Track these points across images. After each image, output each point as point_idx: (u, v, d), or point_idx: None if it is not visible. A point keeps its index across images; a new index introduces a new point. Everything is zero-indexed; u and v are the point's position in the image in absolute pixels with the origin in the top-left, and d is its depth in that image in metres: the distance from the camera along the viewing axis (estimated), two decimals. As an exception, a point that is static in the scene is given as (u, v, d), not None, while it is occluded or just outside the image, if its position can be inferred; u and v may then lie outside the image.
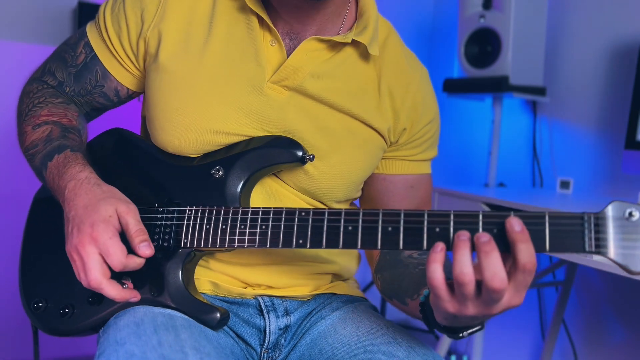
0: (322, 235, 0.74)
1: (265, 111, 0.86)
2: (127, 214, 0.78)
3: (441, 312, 0.69)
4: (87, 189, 0.80)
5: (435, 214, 0.68)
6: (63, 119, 0.93)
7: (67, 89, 0.97)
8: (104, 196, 0.79)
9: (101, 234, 0.75)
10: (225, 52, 0.86)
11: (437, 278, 0.64)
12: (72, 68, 0.96)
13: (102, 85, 0.95)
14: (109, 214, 0.77)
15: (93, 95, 0.97)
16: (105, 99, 0.97)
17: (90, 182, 0.81)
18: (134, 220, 0.78)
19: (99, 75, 0.95)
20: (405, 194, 0.98)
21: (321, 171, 0.88)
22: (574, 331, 1.90)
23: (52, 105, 0.95)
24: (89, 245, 0.75)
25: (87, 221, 0.76)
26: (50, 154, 0.87)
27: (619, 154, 1.73)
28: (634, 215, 0.62)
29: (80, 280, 0.77)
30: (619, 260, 0.62)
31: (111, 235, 0.76)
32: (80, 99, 0.98)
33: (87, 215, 0.77)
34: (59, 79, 0.97)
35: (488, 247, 0.62)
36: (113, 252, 0.75)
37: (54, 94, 0.97)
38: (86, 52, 0.94)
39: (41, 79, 0.99)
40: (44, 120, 0.92)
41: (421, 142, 0.96)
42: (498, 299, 0.63)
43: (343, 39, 0.86)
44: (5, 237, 1.85)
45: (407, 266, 0.89)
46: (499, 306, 0.64)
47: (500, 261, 0.62)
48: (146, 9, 0.89)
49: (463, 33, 2.01)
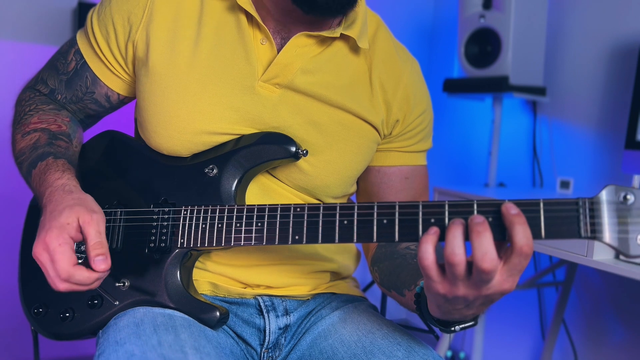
0: (317, 231, 0.74)
1: (258, 110, 0.86)
2: (89, 224, 0.75)
3: (433, 298, 0.68)
4: (59, 196, 0.79)
5: (430, 205, 0.68)
6: (52, 125, 0.93)
7: (59, 96, 0.97)
8: (70, 203, 0.77)
9: (52, 240, 0.73)
10: (215, 52, 0.86)
11: (428, 258, 0.64)
12: (64, 75, 0.96)
13: (92, 92, 0.96)
14: (67, 222, 0.74)
15: (85, 101, 0.97)
16: (97, 105, 0.98)
17: (65, 189, 0.80)
18: (94, 231, 0.75)
19: (89, 81, 0.95)
20: (400, 185, 0.98)
21: (315, 167, 0.88)
22: (574, 331, 1.90)
23: (42, 112, 0.95)
24: (43, 251, 0.74)
25: (46, 226, 0.75)
26: (34, 162, 0.87)
27: (619, 154, 1.73)
28: (628, 199, 0.62)
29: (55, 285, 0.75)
30: (615, 244, 0.62)
31: (61, 242, 0.73)
32: (73, 106, 0.98)
33: (48, 220, 0.75)
34: (51, 87, 0.97)
35: (480, 228, 0.62)
36: (58, 259, 0.73)
37: (45, 101, 0.98)
38: (76, 59, 0.95)
39: (34, 87, 1.00)
40: (32, 128, 0.92)
41: (415, 134, 0.96)
42: (488, 280, 0.62)
43: (332, 33, 0.87)
44: (5, 238, 1.85)
45: (405, 257, 0.89)
46: (490, 288, 0.63)
47: (492, 242, 0.61)
48: (133, 12, 0.88)
49: (463, 33, 2.01)
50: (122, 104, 1.00)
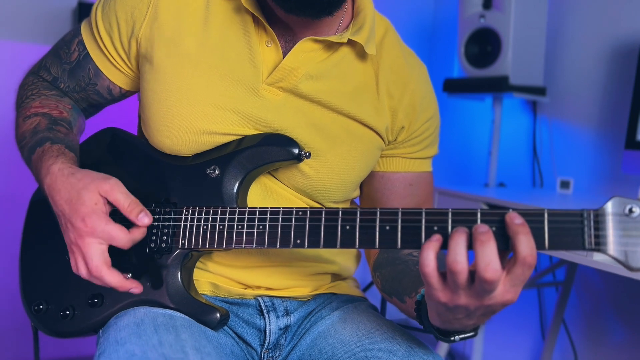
0: (319, 235, 0.74)
1: (261, 113, 0.85)
2: (112, 190, 0.77)
3: (434, 306, 0.68)
4: (63, 182, 0.79)
5: (433, 212, 0.68)
6: (53, 110, 0.93)
7: (62, 85, 0.98)
8: (82, 184, 0.78)
9: (96, 225, 0.75)
10: (220, 53, 0.86)
11: (429, 265, 0.63)
12: (67, 65, 0.96)
13: (95, 83, 0.96)
14: (94, 202, 0.76)
15: (87, 91, 0.97)
16: (99, 96, 0.98)
17: (64, 174, 0.80)
18: (121, 195, 0.77)
19: (92, 73, 0.95)
20: (404, 192, 0.97)
21: (317, 170, 0.88)
22: (574, 331, 1.90)
23: (45, 97, 0.95)
24: (88, 237, 0.75)
25: (77, 216, 0.76)
26: (33, 147, 0.86)
27: (619, 154, 1.73)
28: (634, 211, 0.61)
29: (80, 272, 0.77)
30: (619, 257, 0.62)
31: (106, 222, 0.75)
32: (76, 95, 0.98)
33: (74, 209, 0.76)
34: (54, 75, 0.97)
35: (485, 237, 0.61)
36: (116, 235, 0.75)
37: (48, 87, 0.98)
38: (79, 50, 0.95)
39: (37, 73, 1.00)
40: (33, 112, 0.92)
41: (420, 140, 0.96)
42: (490, 290, 0.61)
43: (339, 38, 0.86)
44: (5, 237, 1.85)
45: (407, 263, 0.88)
46: (492, 299, 0.63)
47: (496, 252, 0.61)
48: (137, 8, 0.88)
49: (463, 33, 2.01)
50: (124, 97, 1.00)
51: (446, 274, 0.63)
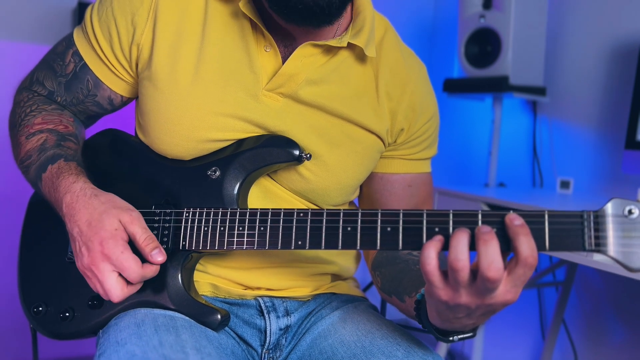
0: (320, 237, 0.74)
1: (261, 118, 0.85)
2: (132, 223, 0.77)
3: (434, 305, 0.68)
4: (84, 203, 0.78)
5: (434, 213, 0.68)
6: (59, 125, 0.91)
7: (59, 98, 0.94)
8: (104, 208, 0.77)
9: (112, 251, 0.74)
10: (219, 59, 0.85)
11: (431, 263, 0.63)
12: (62, 77, 0.93)
13: (94, 95, 0.93)
14: (114, 227, 0.76)
15: (86, 104, 0.94)
16: (99, 107, 0.95)
17: (87, 194, 0.79)
18: (140, 229, 0.77)
19: (91, 84, 0.92)
20: (404, 193, 0.97)
21: (316, 174, 0.87)
22: (574, 331, 1.90)
23: (46, 112, 0.92)
24: (102, 263, 0.75)
25: (95, 239, 0.75)
26: (44, 165, 0.85)
27: (619, 154, 1.73)
28: (633, 213, 0.62)
29: (101, 295, 0.77)
30: (618, 258, 0.62)
31: (122, 250, 0.75)
32: (73, 108, 0.95)
33: (93, 232, 0.76)
34: (49, 89, 0.94)
35: (487, 237, 0.61)
36: (128, 266, 0.75)
37: (46, 101, 0.94)
38: (75, 61, 0.91)
39: (30, 88, 0.96)
40: (38, 129, 0.90)
41: (420, 142, 0.96)
42: (492, 289, 0.62)
43: (338, 42, 0.85)
44: (5, 238, 1.85)
45: (407, 262, 0.88)
46: (493, 298, 0.63)
47: (499, 251, 0.61)
48: (137, 13, 0.86)
49: (463, 33, 2.01)
50: (124, 105, 0.98)
51: (447, 273, 0.64)
